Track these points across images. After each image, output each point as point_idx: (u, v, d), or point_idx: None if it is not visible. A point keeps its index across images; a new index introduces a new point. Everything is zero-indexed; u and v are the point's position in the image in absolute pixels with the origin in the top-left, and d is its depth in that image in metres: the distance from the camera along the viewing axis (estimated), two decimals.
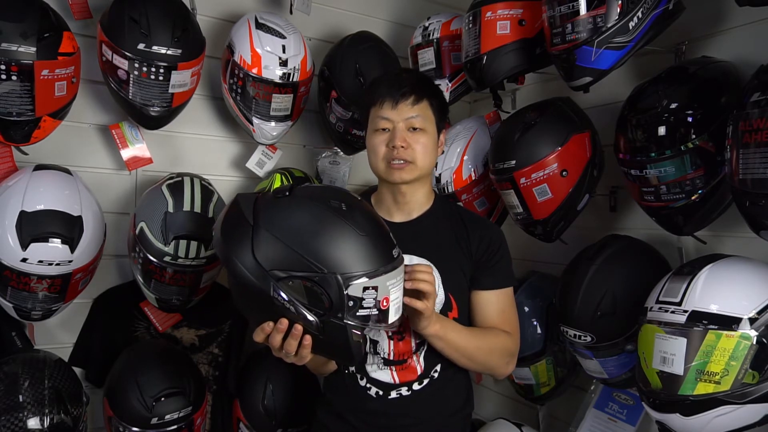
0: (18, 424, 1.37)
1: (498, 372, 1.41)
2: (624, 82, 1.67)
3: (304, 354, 1.08)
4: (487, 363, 1.38)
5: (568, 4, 1.41)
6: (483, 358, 1.36)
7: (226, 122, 1.99)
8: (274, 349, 1.10)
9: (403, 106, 1.34)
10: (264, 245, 1.02)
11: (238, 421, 1.83)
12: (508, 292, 1.42)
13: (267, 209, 1.06)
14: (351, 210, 1.08)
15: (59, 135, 1.62)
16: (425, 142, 1.36)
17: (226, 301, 1.89)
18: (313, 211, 1.06)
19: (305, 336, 1.05)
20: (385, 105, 1.35)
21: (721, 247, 1.49)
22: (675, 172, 1.35)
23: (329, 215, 1.05)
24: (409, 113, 1.35)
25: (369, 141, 1.40)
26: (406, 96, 1.35)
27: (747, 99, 1.18)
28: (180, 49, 1.58)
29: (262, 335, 1.08)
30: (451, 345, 1.30)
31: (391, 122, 1.35)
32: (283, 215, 1.05)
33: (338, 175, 2.11)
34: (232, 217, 1.07)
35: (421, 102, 1.36)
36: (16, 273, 1.42)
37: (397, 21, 2.33)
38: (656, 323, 1.25)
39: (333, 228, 1.04)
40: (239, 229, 1.04)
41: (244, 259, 1.01)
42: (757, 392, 1.15)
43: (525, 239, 1.83)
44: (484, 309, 1.40)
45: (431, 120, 1.38)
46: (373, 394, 1.37)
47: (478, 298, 1.40)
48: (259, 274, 1.01)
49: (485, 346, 1.35)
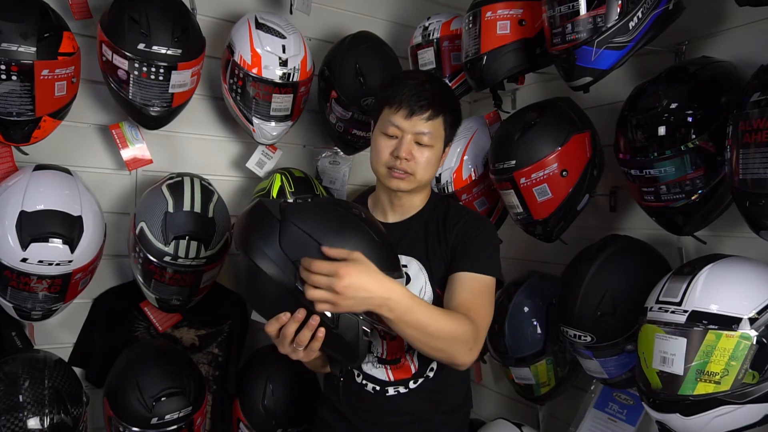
0: (18, 424, 1.38)
1: (459, 360, 1.24)
2: (624, 82, 1.67)
3: (315, 347, 1.10)
4: (447, 348, 1.21)
5: (568, 4, 1.41)
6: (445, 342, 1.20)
7: (226, 122, 1.99)
8: (284, 343, 1.11)
9: (417, 119, 1.32)
10: (291, 237, 1.08)
11: (238, 421, 1.83)
12: (482, 280, 1.31)
13: (294, 208, 1.13)
14: (369, 219, 1.18)
15: (59, 135, 1.62)
16: (429, 157, 1.35)
17: (226, 301, 1.90)
18: (337, 212, 1.15)
19: (319, 328, 1.08)
20: (400, 112, 1.32)
21: (721, 247, 1.49)
22: (675, 172, 1.35)
23: (351, 218, 1.14)
24: (421, 128, 1.33)
25: (375, 139, 1.39)
26: (424, 110, 1.32)
27: (747, 99, 1.18)
28: (180, 49, 1.58)
29: (276, 325, 1.09)
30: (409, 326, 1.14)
31: (401, 131, 1.33)
32: (310, 213, 1.13)
33: (338, 175, 2.11)
34: (259, 213, 1.14)
35: (436, 118, 1.34)
36: (16, 273, 1.42)
37: (397, 21, 2.33)
38: (656, 323, 1.25)
39: (355, 229, 1.12)
40: (266, 222, 1.11)
41: (270, 249, 1.08)
42: (757, 392, 1.14)
43: (525, 239, 1.83)
44: (453, 291, 1.30)
45: (440, 137, 1.37)
46: (370, 390, 1.37)
47: (449, 281, 1.32)
48: (285, 264, 1.07)
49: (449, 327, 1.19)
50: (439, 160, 1.41)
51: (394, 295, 1.10)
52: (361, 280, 1.05)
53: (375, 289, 1.07)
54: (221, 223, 1.68)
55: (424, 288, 1.35)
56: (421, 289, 1.35)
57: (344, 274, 1.03)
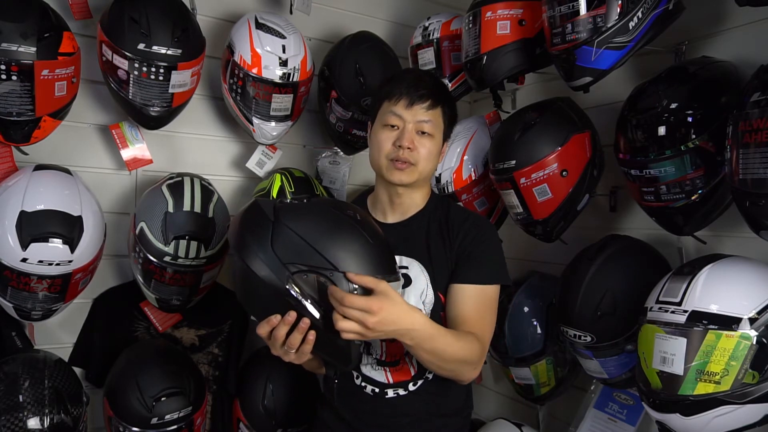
0: (18, 424, 1.38)
1: (465, 377, 1.32)
2: (624, 82, 1.67)
3: (306, 350, 1.09)
4: (457, 369, 1.27)
5: (568, 4, 1.41)
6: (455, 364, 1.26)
7: (226, 122, 1.99)
8: (275, 345, 1.11)
9: (418, 108, 1.34)
10: (283, 239, 1.07)
11: (238, 421, 1.83)
12: (487, 290, 1.33)
13: (287, 209, 1.12)
14: (363, 221, 1.16)
15: (59, 135, 1.62)
16: (431, 147, 1.36)
17: (226, 301, 1.90)
18: (330, 214, 1.13)
19: (310, 331, 1.07)
20: (401, 102, 1.34)
21: (721, 247, 1.49)
22: (675, 172, 1.35)
23: (345, 220, 1.12)
24: (422, 116, 1.34)
25: (375, 135, 1.39)
26: (424, 99, 1.34)
27: (747, 99, 1.18)
28: (180, 49, 1.58)
29: (267, 327, 1.08)
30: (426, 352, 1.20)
31: (403, 121, 1.34)
32: (303, 215, 1.12)
33: (338, 175, 2.11)
34: (252, 214, 1.13)
35: (436, 108, 1.35)
36: (16, 273, 1.42)
37: (397, 21, 2.33)
38: (656, 323, 1.25)
39: (348, 232, 1.10)
40: (259, 223, 1.10)
41: (262, 250, 1.07)
42: (757, 392, 1.15)
43: (525, 239, 1.83)
44: (458, 304, 1.31)
45: (440, 128, 1.38)
46: (369, 392, 1.37)
47: (453, 292, 1.33)
48: (276, 266, 1.06)
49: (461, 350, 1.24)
50: (439, 155, 1.41)
51: (417, 326, 1.14)
52: (391, 316, 1.09)
53: (402, 322, 1.11)
54: (221, 223, 1.68)
55: (426, 291, 1.34)
56: (422, 292, 1.34)
57: (377, 310, 1.06)
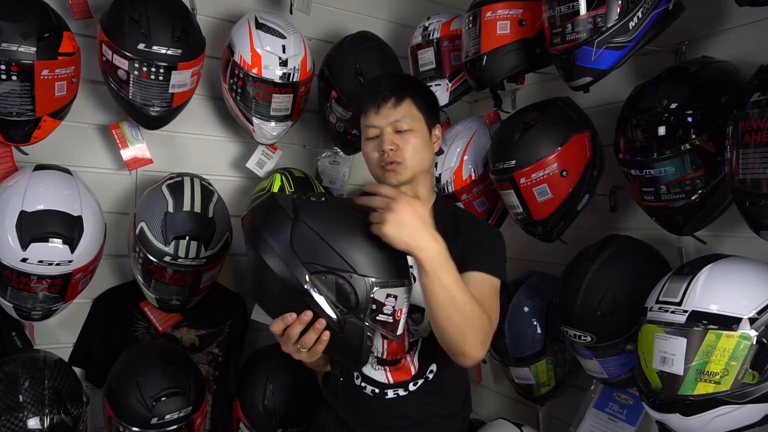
0: (18, 424, 1.38)
1: (469, 350, 1.18)
2: (624, 82, 1.67)
3: (318, 350, 1.09)
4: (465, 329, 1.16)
5: (568, 4, 1.41)
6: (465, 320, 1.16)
7: (226, 122, 1.99)
8: (287, 343, 1.10)
9: (385, 110, 1.35)
10: (302, 238, 1.06)
11: (238, 421, 1.83)
12: (495, 282, 1.32)
13: (307, 207, 1.11)
14: None
15: (59, 135, 1.62)
16: (414, 141, 1.36)
17: (226, 301, 1.90)
18: (350, 215, 1.13)
19: (324, 332, 1.07)
20: (370, 112, 1.36)
21: (721, 247, 1.49)
22: (675, 172, 1.35)
23: (364, 222, 1.11)
24: (393, 116, 1.35)
25: (363, 150, 1.42)
26: (386, 99, 1.35)
27: (747, 99, 1.18)
28: (180, 49, 1.58)
29: (281, 325, 1.08)
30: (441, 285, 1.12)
31: (378, 128, 1.36)
32: (324, 215, 1.11)
33: (338, 175, 2.11)
34: (271, 210, 1.12)
35: (403, 102, 1.36)
36: (16, 273, 1.42)
37: (397, 21, 2.33)
38: (656, 323, 1.25)
39: (367, 234, 1.10)
40: (278, 220, 1.09)
41: (281, 249, 1.06)
42: (757, 392, 1.14)
43: (525, 239, 1.83)
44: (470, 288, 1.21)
45: (418, 118, 1.38)
46: (369, 393, 1.37)
47: (465, 278, 1.22)
48: (295, 265, 1.05)
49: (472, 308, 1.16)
50: (429, 144, 1.41)
51: (437, 245, 1.11)
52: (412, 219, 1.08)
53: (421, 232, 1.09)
54: (221, 223, 1.68)
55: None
56: None
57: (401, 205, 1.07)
